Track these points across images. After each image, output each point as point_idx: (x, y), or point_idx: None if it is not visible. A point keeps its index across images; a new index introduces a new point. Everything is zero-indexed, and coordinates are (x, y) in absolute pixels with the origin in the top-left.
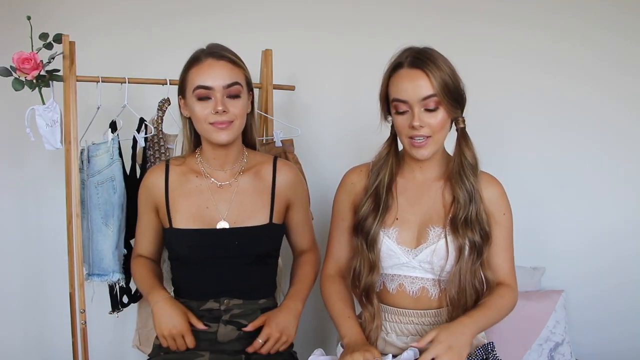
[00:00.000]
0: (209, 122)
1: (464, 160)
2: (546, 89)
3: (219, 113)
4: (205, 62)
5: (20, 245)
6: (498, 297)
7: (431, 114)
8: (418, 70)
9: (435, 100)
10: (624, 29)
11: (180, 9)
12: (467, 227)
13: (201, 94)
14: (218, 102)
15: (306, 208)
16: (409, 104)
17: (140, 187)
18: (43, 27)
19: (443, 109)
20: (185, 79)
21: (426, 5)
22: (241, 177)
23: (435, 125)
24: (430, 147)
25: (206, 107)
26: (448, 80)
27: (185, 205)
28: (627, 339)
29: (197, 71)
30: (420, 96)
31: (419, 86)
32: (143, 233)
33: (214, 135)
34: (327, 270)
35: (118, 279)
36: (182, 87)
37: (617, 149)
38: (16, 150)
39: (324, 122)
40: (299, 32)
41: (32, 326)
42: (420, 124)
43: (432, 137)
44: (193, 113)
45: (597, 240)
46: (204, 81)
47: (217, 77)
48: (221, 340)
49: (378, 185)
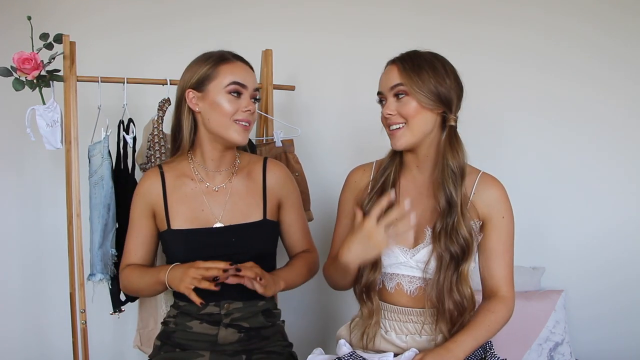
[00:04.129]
0: (235, 119)
1: (445, 166)
2: (546, 89)
3: (250, 112)
4: (237, 63)
5: (20, 245)
6: (489, 314)
7: (400, 102)
8: (393, 65)
9: (401, 89)
10: (623, 29)
11: (180, 10)
12: (445, 237)
13: (236, 89)
14: (249, 101)
15: (298, 208)
16: (383, 94)
17: (135, 194)
18: (43, 27)
19: (412, 98)
20: (212, 73)
21: (426, 5)
22: (234, 178)
23: (404, 112)
24: (405, 136)
25: (237, 103)
26: (422, 72)
27: (181, 209)
28: (627, 338)
29: (231, 68)
30: (389, 85)
31: (389, 76)
32: (135, 240)
33: (234, 134)
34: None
35: (100, 279)
36: (202, 81)
37: (616, 149)
38: (16, 151)
39: (324, 122)
40: (299, 32)
41: (33, 326)
42: (389, 112)
43: (407, 124)
44: (218, 107)
45: (597, 240)
46: (241, 79)
47: (249, 79)
48: (222, 342)
49: (383, 184)
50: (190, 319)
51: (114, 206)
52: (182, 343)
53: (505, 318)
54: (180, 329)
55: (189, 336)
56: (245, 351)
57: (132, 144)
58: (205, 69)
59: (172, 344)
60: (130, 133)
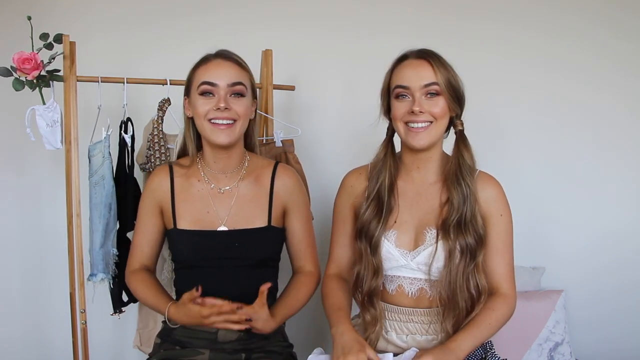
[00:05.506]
0: (209, 119)
1: (461, 161)
2: (547, 89)
3: (220, 109)
4: (213, 61)
5: (20, 245)
6: (490, 312)
7: (432, 101)
8: (423, 60)
9: (437, 89)
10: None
11: (180, 10)
12: (459, 230)
13: (205, 89)
14: (221, 98)
15: (303, 218)
16: (410, 90)
17: (145, 190)
18: (43, 27)
19: (444, 98)
20: (192, 77)
21: (427, 5)
22: (242, 182)
23: (435, 112)
24: (430, 134)
25: (208, 104)
26: (450, 77)
27: (187, 210)
28: (627, 338)
29: (204, 69)
30: (423, 82)
31: (422, 73)
32: (142, 237)
33: (213, 135)
34: (328, 272)
35: (102, 279)
36: (188, 86)
37: (617, 149)
38: (16, 151)
39: (324, 122)
40: (299, 32)
41: (33, 326)
42: (420, 109)
43: (433, 124)
44: (195, 109)
45: (598, 240)
46: (209, 77)
47: (223, 75)
48: (221, 340)
49: (379, 189)
50: None
51: (115, 206)
52: (182, 341)
53: (507, 316)
54: (181, 327)
55: (189, 333)
56: (245, 350)
57: (131, 143)
58: (188, 75)
59: (172, 341)
60: (128, 132)
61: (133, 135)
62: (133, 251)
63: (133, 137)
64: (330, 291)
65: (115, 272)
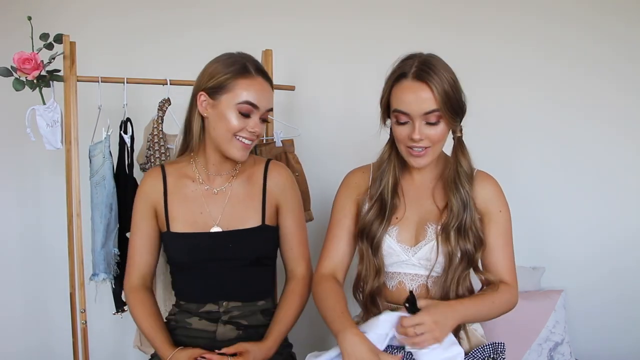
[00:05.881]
0: (238, 136)
1: (459, 169)
2: (547, 89)
3: (254, 133)
4: (257, 79)
5: (20, 245)
6: (494, 292)
7: (432, 127)
8: (422, 84)
9: (437, 115)
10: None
11: (180, 10)
12: (459, 236)
13: (247, 110)
14: (257, 123)
15: (296, 216)
16: (410, 116)
17: (138, 193)
18: (44, 28)
19: (444, 122)
20: (228, 85)
21: (427, 5)
22: (234, 181)
23: (434, 137)
24: (429, 157)
25: (244, 122)
26: (450, 93)
27: (181, 211)
28: (627, 338)
29: (248, 85)
30: (423, 111)
31: (421, 100)
32: (139, 242)
33: (233, 150)
34: (320, 270)
35: (103, 279)
36: (217, 89)
37: (618, 149)
38: (16, 151)
39: (324, 122)
40: (299, 32)
41: (33, 325)
42: (420, 137)
43: (431, 147)
44: (224, 120)
45: (597, 240)
46: (254, 99)
47: (265, 99)
48: (220, 339)
49: (382, 191)
50: (189, 316)
51: (116, 206)
52: (183, 340)
53: (510, 302)
54: (181, 326)
55: (189, 332)
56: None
57: (130, 143)
58: (223, 78)
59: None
60: (127, 133)
61: (132, 135)
62: (131, 260)
63: (132, 137)
64: (327, 292)
65: (117, 271)
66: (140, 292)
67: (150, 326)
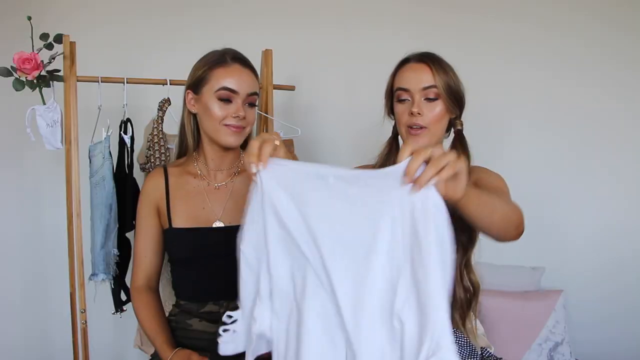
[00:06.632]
0: (225, 124)
1: None
2: (546, 89)
3: (239, 117)
4: (233, 66)
5: (20, 245)
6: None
7: (430, 104)
8: (423, 64)
9: (435, 92)
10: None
11: (180, 10)
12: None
13: (225, 95)
14: (239, 107)
15: None
16: (410, 92)
17: (141, 195)
18: (43, 28)
19: (442, 102)
20: (207, 76)
21: (427, 6)
22: (236, 178)
23: (432, 116)
24: (426, 137)
25: (226, 109)
26: (450, 81)
27: (183, 207)
28: (627, 338)
29: (224, 72)
30: (421, 85)
31: (421, 76)
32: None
33: (223, 137)
34: None
35: (103, 279)
36: (198, 83)
37: (618, 149)
38: (16, 151)
39: (324, 122)
40: (299, 32)
41: (33, 326)
42: (418, 111)
43: (428, 128)
44: (208, 111)
45: (598, 240)
46: (230, 84)
47: (243, 83)
48: None
49: None
50: (190, 317)
51: (116, 206)
52: (183, 342)
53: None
54: (181, 327)
55: (189, 334)
56: None
57: (130, 143)
58: (201, 71)
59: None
60: (127, 133)
61: (132, 135)
62: (137, 260)
63: (132, 137)
64: None
65: (116, 272)
66: (146, 293)
67: (152, 327)
